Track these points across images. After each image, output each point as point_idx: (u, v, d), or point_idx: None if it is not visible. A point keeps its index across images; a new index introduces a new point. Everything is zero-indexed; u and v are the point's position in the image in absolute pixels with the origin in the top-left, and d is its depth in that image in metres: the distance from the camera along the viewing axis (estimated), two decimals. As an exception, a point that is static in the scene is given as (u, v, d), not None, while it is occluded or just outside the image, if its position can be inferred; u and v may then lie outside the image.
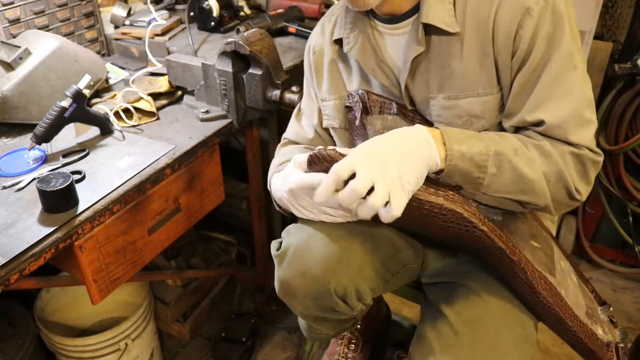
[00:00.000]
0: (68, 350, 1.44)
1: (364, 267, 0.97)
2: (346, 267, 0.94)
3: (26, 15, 1.44)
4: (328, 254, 0.93)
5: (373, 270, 0.99)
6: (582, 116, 0.81)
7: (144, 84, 1.42)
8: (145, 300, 1.55)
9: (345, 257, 0.94)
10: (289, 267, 0.96)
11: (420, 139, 0.77)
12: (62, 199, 0.99)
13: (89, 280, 1.08)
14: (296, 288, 0.96)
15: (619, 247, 2.08)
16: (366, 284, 0.98)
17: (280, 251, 0.98)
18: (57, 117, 1.14)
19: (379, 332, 1.58)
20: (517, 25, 0.79)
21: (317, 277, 0.93)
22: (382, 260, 1.01)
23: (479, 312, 0.91)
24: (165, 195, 1.22)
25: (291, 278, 0.96)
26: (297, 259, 0.95)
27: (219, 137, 1.30)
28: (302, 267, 0.94)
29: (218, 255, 1.93)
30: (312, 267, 0.93)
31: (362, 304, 1.00)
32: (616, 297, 1.99)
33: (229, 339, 1.73)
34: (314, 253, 0.94)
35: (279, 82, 1.26)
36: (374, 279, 1.00)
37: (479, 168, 0.79)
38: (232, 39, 1.22)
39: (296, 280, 0.95)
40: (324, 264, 0.93)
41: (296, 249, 0.95)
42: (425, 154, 0.76)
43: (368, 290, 0.99)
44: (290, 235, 0.98)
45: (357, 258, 0.96)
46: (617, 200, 1.91)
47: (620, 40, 1.85)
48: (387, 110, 0.95)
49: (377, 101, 0.95)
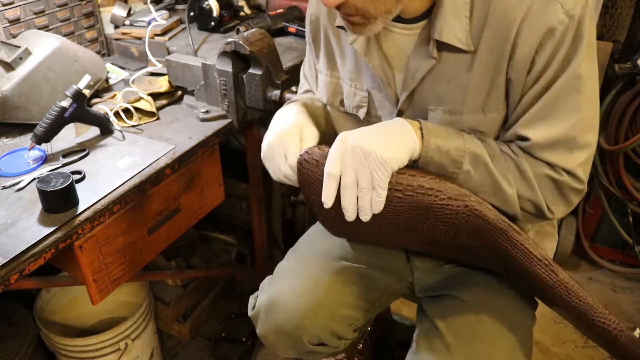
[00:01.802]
0: (68, 350, 1.44)
1: (335, 312, 1.02)
2: (313, 318, 0.99)
3: (26, 15, 1.44)
4: (295, 310, 0.99)
5: (347, 309, 1.03)
6: (574, 140, 0.78)
7: (144, 84, 1.42)
8: (145, 300, 1.55)
9: (313, 310, 0.99)
10: (263, 326, 1.04)
11: (403, 128, 0.79)
12: (62, 199, 0.98)
13: (89, 280, 1.08)
14: (273, 343, 1.05)
15: (619, 247, 2.08)
16: (343, 323, 1.03)
17: (254, 311, 1.05)
18: (57, 117, 1.14)
19: (384, 333, 1.59)
20: (537, 45, 0.74)
21: (288, 333, 1.00)
22: (357, 294, 1.04)
23: (472, 324, 0.92)
24: (165, 195, 1.22)
25: (267, 335, 1.04)
26: (269, 318, 1.02)
27: (219, 137, 1.30)
28: (273, 325, 1.01)
29: (218, 255, 1.93)
30: (282, 325, 1.00)
31: (345, 340, 1.06)
32: (616, 297, 1.99)
33: (229, 339, 1.73)
34: (283, 310, 1.00)
35: (279, 82, 1.26)
36: (351, 316, 1.04)
37: (454, 163, 0.79)
38: (232, 39, 1.22)
39: (272, 337, 1.03)
40: (292, 320, 0.99)
41: (267, 308, 1.02)
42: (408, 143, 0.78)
43: (346, 328, 1.04)
44: (263, 292, 1.05)
45: (325, 306, 1.00)
46: (617, 200, 1.91)
47: (620, 40, 1.85)
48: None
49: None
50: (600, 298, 1.99)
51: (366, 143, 0.75)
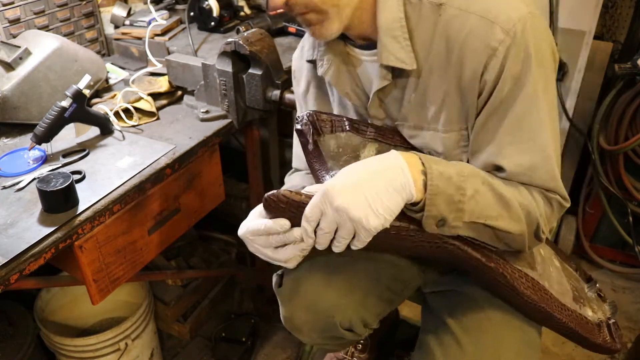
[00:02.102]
0: (68, 350, 1.44)
1: (368, 296, 0.98)
2: (350, 298, 0.94)
3: (26, 15, 1.44)
4: (331, 287, 0.93)
5: (377, 296, 1.00)
6: (548, 161, 0.78)
7: (144, 84, 1.42)
8: (145, 300, 1.55)
9: (349, 289, 0.94)
10: (291, 303, 0.96)
11: (391, 165, 0.72)
12: (62, 199, 0.99)
13: (89, 280, 1.08)
14: (302, 324, 0.96)
15: (619, 247, 2.08)
16: (372, 311, 0.99)
17: (282, 287, 0.97)
18: (57, 117, 1.14)
19: (387, 333, 1.59)
20: (482, 67, 0.75)
21: (321, 311, 0.93)
22: (387, 283, 1.02)
23: (481, 320, 0.92)
24: (165, 195, 1.22)
25: (296, 314, 0.96)
26: (300, 294, 0.94)
27: (219, 137, 1.30)
28: (305, 302, 0.94)
29: (218, 255, 1.93)
30: (315, 302, 0.93)
31: (368, 330, 1.02)
32: (616, 297, 1.99)
33: (229, 339, 1.73)
34: (316, 287, 0.93)
35: (279, 82, 1.26)
36: (379, 304, 1.01)
37: (458, 190, 0.73)
38: (232, 39, 1.22)
39: (301, 316, 0.95)
40: (327, 297, 0.93)
41: (297, 284, 0.95)
42: (397, 183, 0.70)
43: (374, 317, 1.01)
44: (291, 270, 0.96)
45: (361, 287, 0.96)
46: (617, 200, 1.91)
47: (620, 40, 1.85)
48: (339, 128, 0.90)
49: (327, 120, 0.91)
50: (600, 298, 1.99)
51: (353, 208, 0.68)
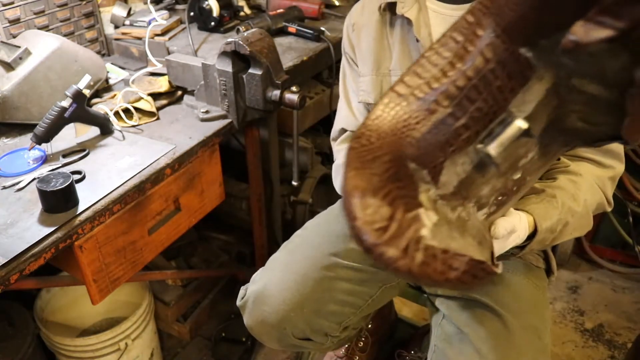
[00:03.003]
0: (68, 350, 1.44)
1: (322, 307, 1.02)
2: (299, 312, 0.99)
3: (26, 15, 1.44)
4: (281, 302, 1.00)
5: (336, 305, 1.04)
6: None
7: (144, 84, 1.42)
8: (145, 300, 1.55)
9: (299, 303, 1.00)
10: (249, 317, 1.05)
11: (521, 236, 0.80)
12: (62, 199, 0.98)
13: (89, 280, 1.08)
14: (259, 335, 1.06)
15: (619, 247, 2.08)
16: (330, 319, 1.04)
17: (242, 301, 1.07)
18: (57, 117, 1.14)
19: (387, 332, 1.59)
20: None
21: (273, 325, 1.01)
22: (346, 291, 1.04)
23: (498, 329, 0.92)
24: (165, 195, 1.22)
25: (253, 326, 1.05)
26: (255, 308, 1.03)
27: (219, 137, 1.30)
28: (259, 316, 1.02)
29: (218, 255, 1.93)
30: (267, 316, 1.01)
31: (333, 337, 1.06)
32: (616, 297, 1.99)
33: (229, 339, 1.73)
34: (269, 302, 1.01)
35: (279, 82, 1.26)
36: (339, 312, 1.05)
37: (552, 233, 0.84)
38: (232, 39, 1.22)
39: (257, 328, 1.04)
40: (277, 312, 1.00)
41: (254, 298, 1.03)
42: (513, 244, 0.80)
43: (334, 325, 1.05)
44: (253, 283, 1.06)
45: (312, 301, 1.01)
46: (617, 200, 1.91)
47: (620, 40, 1.85)
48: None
49: None
50: (600, 298, 1.99)
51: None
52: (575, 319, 1.90)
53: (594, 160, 0.92)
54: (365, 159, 0.53)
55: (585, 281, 2.07)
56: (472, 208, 0.67)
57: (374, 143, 0.56)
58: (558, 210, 0.84)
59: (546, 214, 0.83)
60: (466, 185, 0.62)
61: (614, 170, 0.92)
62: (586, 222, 0.90)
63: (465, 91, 0.59)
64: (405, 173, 0.55)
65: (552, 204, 0.84)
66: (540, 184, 0.88)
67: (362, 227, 0.46)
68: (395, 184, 0.52)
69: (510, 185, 0.69)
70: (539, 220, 0.82)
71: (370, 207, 0.47)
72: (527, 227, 0.81)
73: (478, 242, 0.63)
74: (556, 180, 0.88)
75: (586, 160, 0.92)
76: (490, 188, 0.66)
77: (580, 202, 0.86)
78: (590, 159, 0.92)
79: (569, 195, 0.86)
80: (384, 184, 0.50)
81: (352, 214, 0.47)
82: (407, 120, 0.59)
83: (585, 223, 0.90)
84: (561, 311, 1.93)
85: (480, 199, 0.67)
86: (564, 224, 0.85)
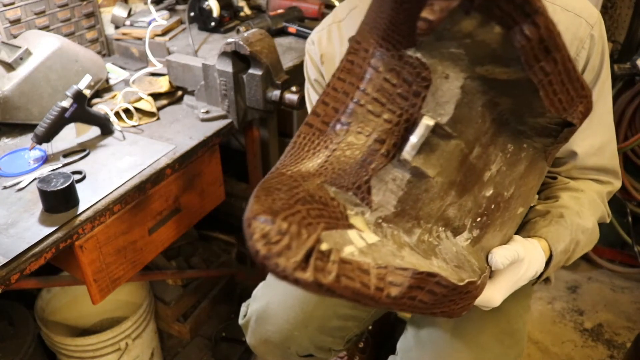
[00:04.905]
0: (68, 350, 1.44)
1: (326, 323, 1.02)
2: (303, 330, 0.99)
3: (27, 16, 1.44)
4: (285, 322, 0.99)
5: (339, 320, 1.03)
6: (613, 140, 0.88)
7: (145, 84, 1.42)
8: (145, 300, 1.55)
9: (303, 322, 0.99)
10: (252, 336, 1.05)
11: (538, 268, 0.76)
12: (62, 199, 0.99)
13: (89, 280, 1.08)
14: (262, 354, 1.06)
15: (618, 247, 2.08)
16: (335, 334, 1.04)
17: (244, 320, 1.06)
18: (58, 117, 1.14)
19: (387, 333, 1.59)
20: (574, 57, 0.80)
21: (277, 344, 1.01)
22: (350, 305, 1.03)
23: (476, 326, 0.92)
24: (166, 195, 1.23)
25: (256, 345, 1.05)
26: (258, 328, 1.02)
27: (219, 137, 1.30)
28: (262, 335, 1.02)
29: (218, 255, 1.93)
30: (271, 335, 1.00)
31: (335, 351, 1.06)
32: (616, 297, 1.99)
33: (229, 339, 1.74)
34: (272, 321, 1.00)
35: (279, 82, 1.26)
36: (343, 327, 1.04)
37: (566, 254, 0.82)
38: (232, 39, 1.22)
39: (261, 348, 1.04)
40: (281, 332, 0.99)
41: (257, 317, 1.03)
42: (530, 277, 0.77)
43: (338, 339, 1.05)
44: (255, 301, 1.06)
45: (315, 318, 1.00)
46: (617, 200, 1.91)
47: (619, 41, 1.85)
48: None
49: None
50: (599, 298, 1.99)
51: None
52: (575, 319, 1.90)
53: (592, 179, 0.91)
54: (271, 188, 0.52)
55: (584, 281, 2.07)
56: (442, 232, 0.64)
57: (284, 174, 0.57)
58: (569, 230, 0.81)
59: (559, 237, 0.80)
60: (411, 204, 0.60)
61: (612, 186, 0.92)
62: (595, 237, 0.88)
63: (367, 107, 0.59)
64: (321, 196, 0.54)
65: (562, 224, 0.81)
66: (543, 205, 0.85)
67: (255, 243, 0.45)
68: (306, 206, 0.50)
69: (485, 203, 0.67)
70: (552, 243, 0.79)
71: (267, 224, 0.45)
72: (544, 254, 0.77)
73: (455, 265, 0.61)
74: (559, 200, 0.86)
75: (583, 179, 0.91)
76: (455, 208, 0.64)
77: (586, 218, 0.85)
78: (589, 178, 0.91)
79: (574, 213, 0.83)
80: (290, 207, 0.48)
81: (249, 234, 0.46)
82: (317, 147, 0.60)
83: (593, 238, 0.88)
84: (560, 311, 1.93)
85: (448, 221, 0.64)
86: (576, 243, 0.83)
